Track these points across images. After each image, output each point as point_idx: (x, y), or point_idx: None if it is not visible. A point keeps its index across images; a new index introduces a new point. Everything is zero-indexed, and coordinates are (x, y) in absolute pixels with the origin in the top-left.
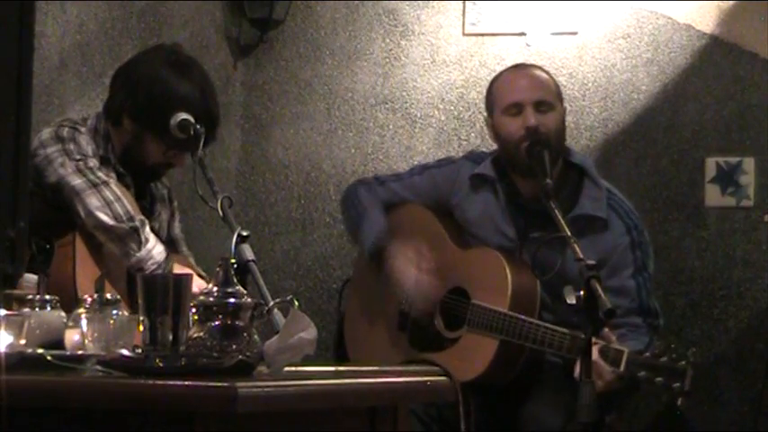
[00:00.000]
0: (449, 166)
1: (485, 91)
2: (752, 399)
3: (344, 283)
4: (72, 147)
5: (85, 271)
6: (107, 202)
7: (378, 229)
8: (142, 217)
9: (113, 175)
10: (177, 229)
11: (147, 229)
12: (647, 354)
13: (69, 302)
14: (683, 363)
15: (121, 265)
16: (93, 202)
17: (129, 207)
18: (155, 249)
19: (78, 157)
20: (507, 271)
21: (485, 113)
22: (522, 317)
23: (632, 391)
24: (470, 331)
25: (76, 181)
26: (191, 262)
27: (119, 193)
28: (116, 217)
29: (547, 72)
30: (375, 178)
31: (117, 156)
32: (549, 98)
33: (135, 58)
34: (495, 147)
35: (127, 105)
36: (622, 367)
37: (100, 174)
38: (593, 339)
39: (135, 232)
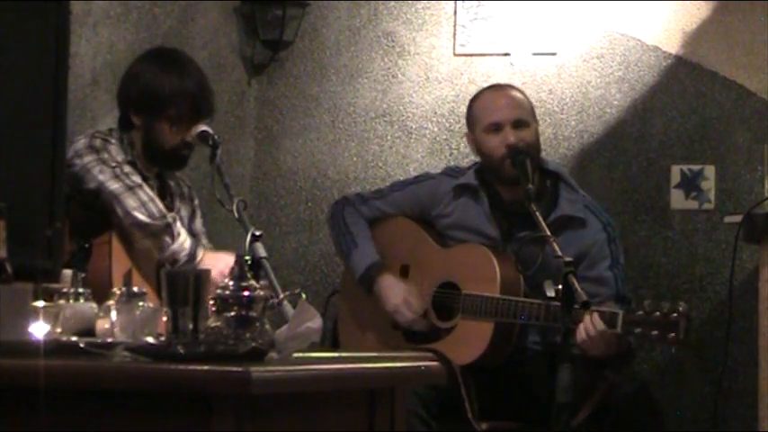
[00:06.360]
0: (428, 181)
1: None
2: (712, 381)
3: (330, 295)
4: (106, 156)
5: (120, 267)
6: (142, 202)
7: (367, 262)
8: (174, 214)
9: (140, 178)
10: (198, 224)
11: (179, 224)
12: (640, 312)
13: (107, 295)
14: (675, 315)
15: (152, 261)
16: (131, 203)
17: (161, 206)
18: (186, 242)
19: (113, 164)
20: (495, 262)
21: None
22: (513, 298)
23: (629, 356)
24: (465, 319)
25: (114, 186)
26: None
27: (151, 194)
28: (151, 215)
29: (522, 92)
30: (358, 196)
31: (142, 159)
32: (525, 116)
33: (127, 70)
34: (469, 162)
35: (130, 104)
36: (619, 327)
37: (134, 178)
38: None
39: (168, 227)
